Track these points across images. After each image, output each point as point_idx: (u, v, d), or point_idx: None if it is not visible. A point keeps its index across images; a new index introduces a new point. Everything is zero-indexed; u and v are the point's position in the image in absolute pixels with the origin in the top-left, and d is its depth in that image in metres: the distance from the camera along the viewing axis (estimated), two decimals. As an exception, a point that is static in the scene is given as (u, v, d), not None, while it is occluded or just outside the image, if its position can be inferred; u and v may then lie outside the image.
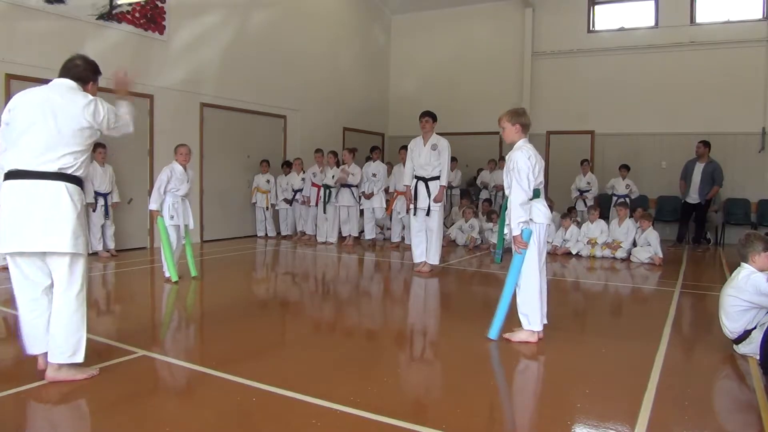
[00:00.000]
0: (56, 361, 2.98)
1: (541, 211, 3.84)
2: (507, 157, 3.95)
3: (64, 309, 2.97)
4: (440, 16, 13.20)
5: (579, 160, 10.83)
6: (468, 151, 11.96)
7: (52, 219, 2.86)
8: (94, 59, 3.22)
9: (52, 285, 3.01)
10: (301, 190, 9.91)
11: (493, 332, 3.92)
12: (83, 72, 3.10)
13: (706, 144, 9.43)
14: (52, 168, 2.88)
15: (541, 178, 3.87)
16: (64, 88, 3.02)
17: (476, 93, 12.66)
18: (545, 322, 3.94)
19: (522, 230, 3.72)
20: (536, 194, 3.82)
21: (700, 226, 9.67)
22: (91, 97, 3.04)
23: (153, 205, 5.87)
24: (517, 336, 3.90)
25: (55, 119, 2.90)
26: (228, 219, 9.91)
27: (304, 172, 9.94)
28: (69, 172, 2.93)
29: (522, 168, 3.73)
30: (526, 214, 3.74)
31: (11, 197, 2.89)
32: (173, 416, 2.71)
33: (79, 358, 3.00)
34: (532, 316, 3.86)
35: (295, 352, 3.86)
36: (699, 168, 9.43)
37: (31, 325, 3.03)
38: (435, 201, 6.59)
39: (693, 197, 9.51)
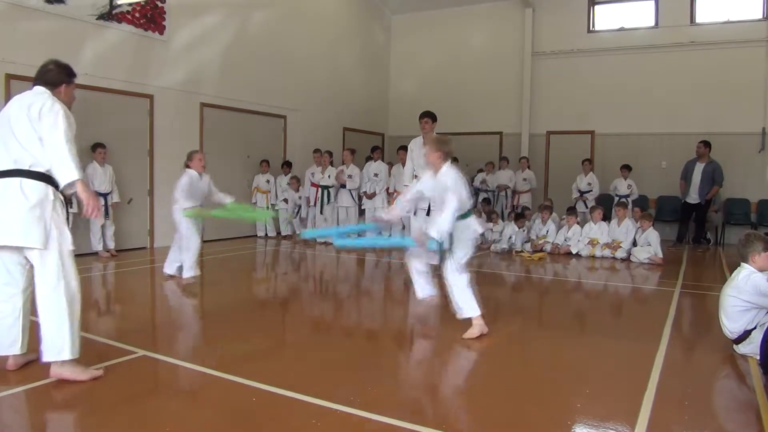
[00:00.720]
0: (47, 359, 3.00)
1: (477, 221, 4.22)
2: (438, 179, 4.17)
3: (43, 304, 2.99)
4: (440, 16, 13.19)
5: (579, 160, 10.81)
6: (468, 151, 11.94)
7: (4, 214, 2.94)
8: (68, 65, 3.26)
9: (21, 292, 3.11)
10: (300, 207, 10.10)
11: (306, 233, 5.65)
12: (55, 76, 3.17)
13: (707, 144, 9.44)
14: (9, 166, 2.97)
15: (469, 200, 4.15)
16: (32, 93, 3.10)
17: (476, 93, 12.66)
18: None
19: (432, 241, 3.86)
20: (468, 214, 4.10)
21: (700, 226, 9.68)
22: (47, 98, 3.03)
23: (185, 204, 5.75)
24: (471, 332, 3.99)
25: (9, 121, 3.01)
26: (228, 219, 9.88)
27: (299, 190, 10.06)
28: (26, 167, 2.96)
29: (458, 187, 3.97)
30: (450, 228, 3.92)
31: None
32: (173, 416, 2.71)
33: (66, 354, 2.99)
34: (469, 305, 4.04)
35: (295, 352, 3.86)
36: (699, 168, 9.44)
37: None
38: None
39: (693, 197, 9.51)
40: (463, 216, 4.04)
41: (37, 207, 2.95)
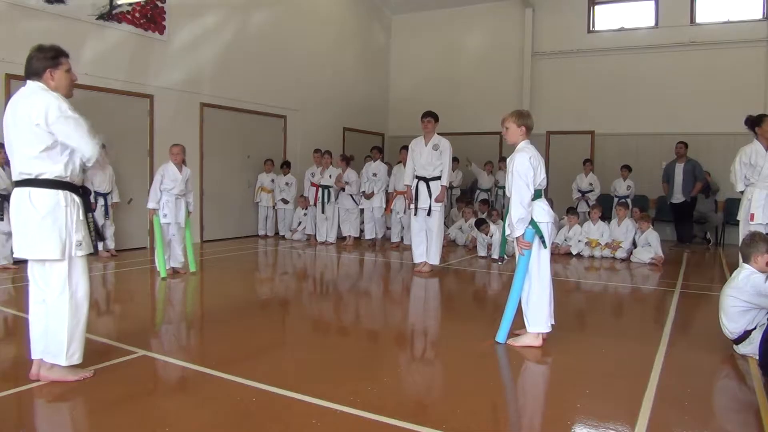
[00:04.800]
0: (46, 360, 3.01)
1: (544, 209, 3.82)
2: (508, 159, 3.92)
3: (47, 311, 2.98)
4: (440, 16, 13.20)
5: (579, 160, 10.84)
6: (468, 151, 11.94)
7: (17, 226, 2.95)
8: (54, 45, 3.03)
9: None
10: (300, 223, 10.09)
11: (501, 336, 3.86)
12: (36, 64, 2.96)
13: (686, 145, 9.70)
14: (17, 176, 2.94)
15: (544, 179, 3.85)
16: (25, 92, 2.97)
17: (476, 93, 12.67)
18: (553, 322, 3.88)
19: (525, 231, 3.71)
20: (537, 195, 3.81)
21: (690, 225, 9.80)
22: (39, 95, 2.89)
23: (150, 204, 6.23)
24: (521, 341, 3.83)
25: (16, 127, 2.92)
26: (228, 219, 9.90)
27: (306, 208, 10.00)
28: (32, 176, 2.89)
29: (521, 171, 3.72)
30: (527, 214, 3.72)
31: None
32: (173, 416, 2.70)
33: (61, 360, 2.98)
34: (537, 318, 3.79)
35: (295, 352, 3.86)
36: (680, 168, 9.72)
37: (31, 330, 3.08)
38: (436, 201, 6.59)
39: (678, 197, 9.74)
40: (533, 199, 3.74)
41: (47, 217, 2.89)
